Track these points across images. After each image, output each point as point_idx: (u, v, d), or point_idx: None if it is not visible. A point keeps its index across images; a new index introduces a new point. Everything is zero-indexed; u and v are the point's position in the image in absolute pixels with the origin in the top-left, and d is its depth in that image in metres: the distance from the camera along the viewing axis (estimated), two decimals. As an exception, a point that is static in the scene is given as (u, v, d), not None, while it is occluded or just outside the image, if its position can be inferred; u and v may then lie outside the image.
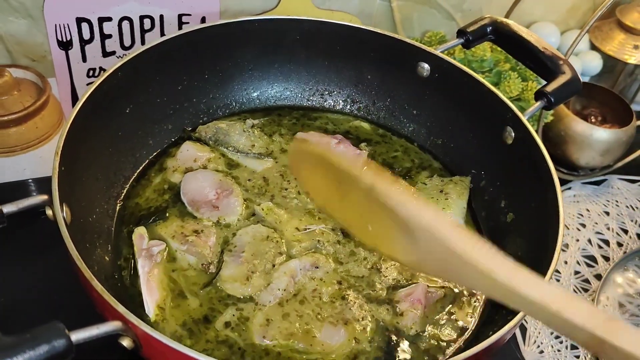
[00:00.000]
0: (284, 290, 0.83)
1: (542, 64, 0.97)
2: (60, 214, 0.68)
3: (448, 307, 0.86)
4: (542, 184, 0.86)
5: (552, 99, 0.93)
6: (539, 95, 0.94)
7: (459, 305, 0.87)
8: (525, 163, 0.92)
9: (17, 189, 1.10)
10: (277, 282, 0.83)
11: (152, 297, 0.79)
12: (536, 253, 0.83)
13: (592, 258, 1.37)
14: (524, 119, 0.92)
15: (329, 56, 1.12)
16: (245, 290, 0.82)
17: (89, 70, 1.21)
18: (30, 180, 1.11)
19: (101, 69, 1.21)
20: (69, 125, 0.78)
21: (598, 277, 1.34)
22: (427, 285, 0.86)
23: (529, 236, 0.88)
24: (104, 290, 0.62)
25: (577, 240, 1.35)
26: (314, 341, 0.78)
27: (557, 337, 1.26)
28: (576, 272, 1.35)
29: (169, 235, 0.87)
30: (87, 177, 0.85)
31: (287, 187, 0.98)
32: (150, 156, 1.00)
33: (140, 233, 0.87)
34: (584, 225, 1.39)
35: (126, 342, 0.61)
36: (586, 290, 1.31)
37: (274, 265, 0.85)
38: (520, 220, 0.92)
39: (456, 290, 0.88)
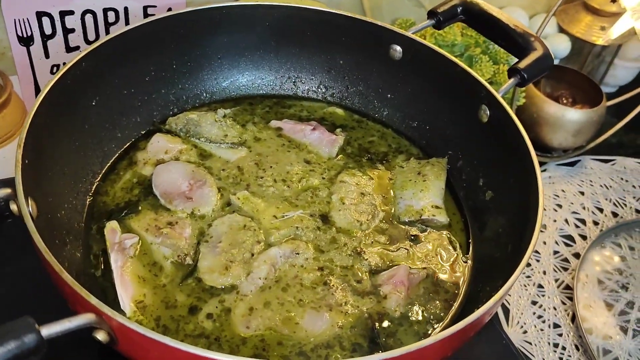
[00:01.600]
0: (265, 278, 0.80)
1: (514, 41, 0.97)
2: (26, 207, 0.65)
3: (431, 287, 0.85)
4: (519, 159, 0.86)
5: (526, 75, 0.92)
6: (512, 72, 0.94)
7: (441, 284, 0.86)
8: (501, 140, 0.92)
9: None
10: (257, 271, 0.81)
11: (126, 292, 0.76)
12: (517, 229, 0.82)
13: (570, 237, 1.38)
14: (499, 97, 0.91)
15: (299, 42, 1.10)
16: (225, 280, 0.80)
17: (52, 66, 1.18)
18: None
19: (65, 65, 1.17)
20: (31, 117, 0.75)
21: (576, 255, 1.35)
22: (409, 267, 0.85)
23: (509, 213, 0.87)
24: (75, 282, 0.59)
25: (555, 221, 1.36)
26: (297, 328, 0.76)
27: (539, 317, 1.26)
28: (555, 252, 1.35)
29: (142, 229, 0.85)
30: (54, 171, 0.82)
31: (263, 175, 0.95)
32: (120, 150, 0.97)
33: (112, 227, 0.84)
34: (560, 206, 1.40)
35: (101, 336, 0.58)
36: (565, 269, 1.32)
37: (252, 254, 0.83)
38: (500, 198, 0.92)
39: (438, 271, 0.87)
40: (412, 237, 0.91)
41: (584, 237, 1.37)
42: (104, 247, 0.82)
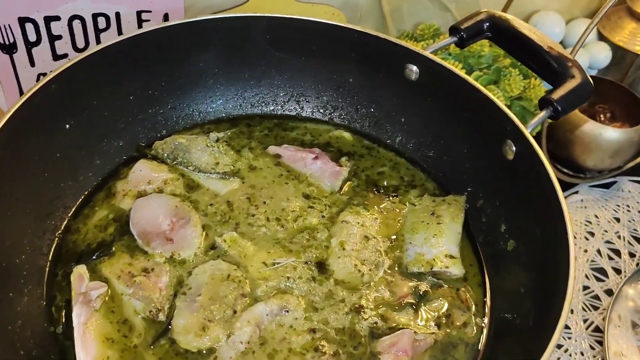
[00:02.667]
0: (248, 342, 0.71)
1: (548, 66, 0.85)
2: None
3: (440, 357, 0.74)
4: (547, 209, 0.74)
5: (560, 108, 0.80)
6: (545, 103, 0.81)
7: (452, 353, 0.75)
8: (527, 182, 0.80)
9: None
10: (239, 333, 0.71)
11: (88, 354, 0.68)
12: (542, 293, 0.71)
13: (602, 271, 1.26)
14: (527, 133, 0.79)
15: (305, 57, 0.99)
16: (201, 342, 0.70)
17: (38, 75, 1.09)
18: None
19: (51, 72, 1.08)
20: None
21: (609, 292, 1.23)
22: (414, 332, 0.74)
23: (533, 271, 0.76)
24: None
25: (585, 251, 1.24)
26: (280, 407, 0.67)
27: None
28: (585, 288, 1.24)
29: (114, 275, 0.76)
30: (13, 210, 0.73)
31: (255, 212, 0.85)
32: (97, 179, 0.88)
33: (79, 273, 0.75)
34: (592, 234, 1.28)
35: None
36: (596, 308, 1.21)
37: (235, 311, 0.73)
38: (523, 250, 0.80)
39: (449, 337, 0.76)
40: (421, 294, 0.80)
41: (618, 271, 1.25)
42: (68, 298, 0.73)
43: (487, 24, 0.90)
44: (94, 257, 0.78)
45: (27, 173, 0.76)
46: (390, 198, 0.92)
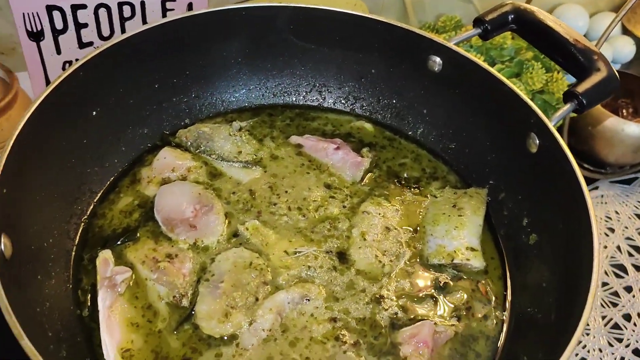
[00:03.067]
0: (269, 330, 0.71)
1: (573, 58, 0.84)
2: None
3: (459, 349, 0.74)
4: (571, 202, 0.74)
5: (585, 101, 0.79)
6: (569, 96, 0.81)
7: (471, 346, 0.75)
8: (551, 176, 0.79)
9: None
10: (261, 320, 0.72)
11: (112, 338, 0.69)
12: (564, 287, 0.70)
13: (622, 267, 1.25)
14: (551, 125, 0.78)
15: (327, 48, 0.99)
16: (224, 329, 0.71)
17: (64, 63, 1.11)
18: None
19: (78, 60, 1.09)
20: (14, 138, 0.67)
21: (628, 289, 1.22)
22: (435, 324, 0.74)
23: (555, 265, 0.75)
24: (35, 354, 0.51)
25: (605, 247, 1.23)
26: (301, 394, 0.67)
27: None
28: (604, 284, 1.23)
29: (138, 260, 0.76)
30: (43, 194, 0.74)
31: (277, 201, 0.86)
32: (122, 165, 0.89)
33: (105, 257, 0.76)
34: (612, 230, 1.27)
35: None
36: (615, 305, 1.20)
37: (257, 299, 0.74)
38: (545, 244, 0.80)
39: (469, 329, 0.76)
40: (442, 285, 0.79)
41: (638, 268, 1.24)
42: (93, 282, 0.75)
43: (512, 15, 0.89)
44: (119, 242, 0.79)
45: (55, 158, 0.77)
46: (412, 190, 0.91)
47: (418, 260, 0.82)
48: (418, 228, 0.85)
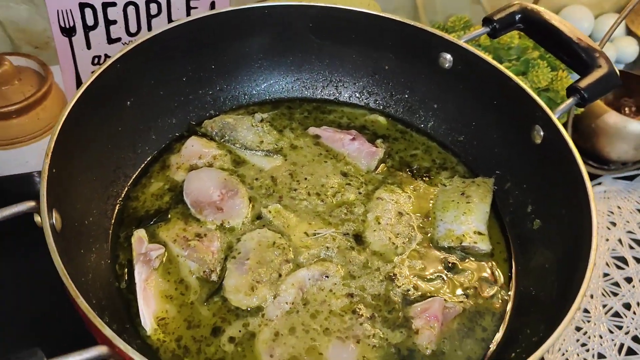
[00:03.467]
0: (292, 302, 0.77)
1: (576, 56, 0.89)
2: (48, 223, 0.63)
3: (467, 324, 0.80)
4: (573, 190, 0.79)
5: (587, 95, 0.85)
6: (572, 91, 0.86)
7: (478, 321, 0.80)
8: (554, 166, 0.85)
9: (20, 182, 1.07)
10: (284, 294, 0.78)
11: (149, 308, 0.75)
12: (565, 268, 0.76)
13: (623, 259, 1.29)
14: (555, 118, 0.84)
15: (343, 45, 1.05)
16: (250, 301, 0.77)
17: (93, 57, 1.16)
18: (35, 173, 1.07)
19: (106, 56, 1.15)
20: (61, 124, 0.73)
21: (628, 279, 1.27)
22: (445, 300, 0.80)
23: (558, 248, 0.81)
24: (90, 310, 0.57)
25: (607, 240, 1.28)
26: (321, 359, 0.73)
27: (583, 345, 1.20)
28: (605, 275, 1.28)
29: (170, 239, 0.83)
30: (83, 176, 0.80)
31: (297, 187, 0.92)
32: (153, 152, 0.95)
33: (139, 236, 0.82)
34: (614, 224, 1.31)
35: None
36: (615, 294, 1.24)
37: (280, 275, 0.80)
38: (548, 229, 0.85)
39: (476, 306, 0.82)
40: (451, 265, 0.85)
41: (638, 260, 1.29)
42: (130, 257, 0.81)
43: (519, 15, 0.94)
44: (151, 223, 0.85)
45: (94, 144, 0.83)
46: (423, 179, 0.97)
47: (429, 243, 0.87)
48: (428, 214, 0.91)
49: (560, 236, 0.81)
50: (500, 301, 0.83)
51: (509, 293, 0.83)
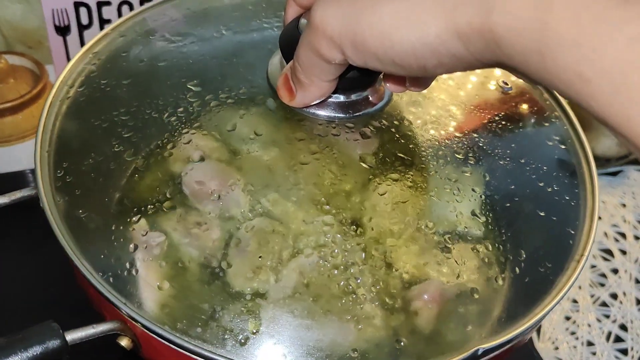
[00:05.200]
0: (293, 287, 0.79)
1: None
2: (47, 205, 0.64)
3: (464, 304, 0.82)
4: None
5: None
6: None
7: (474, 302, 0.82)
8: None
9: (13, 180, 1.07)
10: (285, 279, 0.79)
11: (151, 294, 0.76)
12: (557, 247, 0.79)
13: (609, 252, 1.33)
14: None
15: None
16: (252, 285, 0.78)
17: (87, 56, 1.17)
18: (28, 171, 1.08)
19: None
20: (52, 96, 0.73)
21: (614, 271, 1.30)
22: (442, 282, 0.82)
23: (550, 229, 0.83)
24: (102, 285, 0.57)
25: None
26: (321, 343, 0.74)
27: (572, 334, 1.22)
28: (592, 266, 1.31)
29: (170, 227, 0.83)
30: (81, 163, 0.81)
31: (294, 177, 0.93)
32: (153, 143, 0.96)
33: (140, 224, 0.83)
34: (599, 218, 1.35)
35: (124, 342, 0.58)
36: (602, 285, 1.28)
37: (281, 261, 0.81)
38: (541, 213, 0.88)
39: (474, 286, 0.84)
40: (446, 250, 0.87)
41: (623, 252, 1.33)
42: (131, 244, 0.81)
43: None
44: (151, 212, 0.86)
45: (91, 131, 0.84)
46: (417, 169, 0.99)
47: (424, 228, 0.90)
48: (424, 200, 0.93)
49: (553, 219, 0.83)
50: (494, 283, 0.85)
51: (504, 274, 0.86)
